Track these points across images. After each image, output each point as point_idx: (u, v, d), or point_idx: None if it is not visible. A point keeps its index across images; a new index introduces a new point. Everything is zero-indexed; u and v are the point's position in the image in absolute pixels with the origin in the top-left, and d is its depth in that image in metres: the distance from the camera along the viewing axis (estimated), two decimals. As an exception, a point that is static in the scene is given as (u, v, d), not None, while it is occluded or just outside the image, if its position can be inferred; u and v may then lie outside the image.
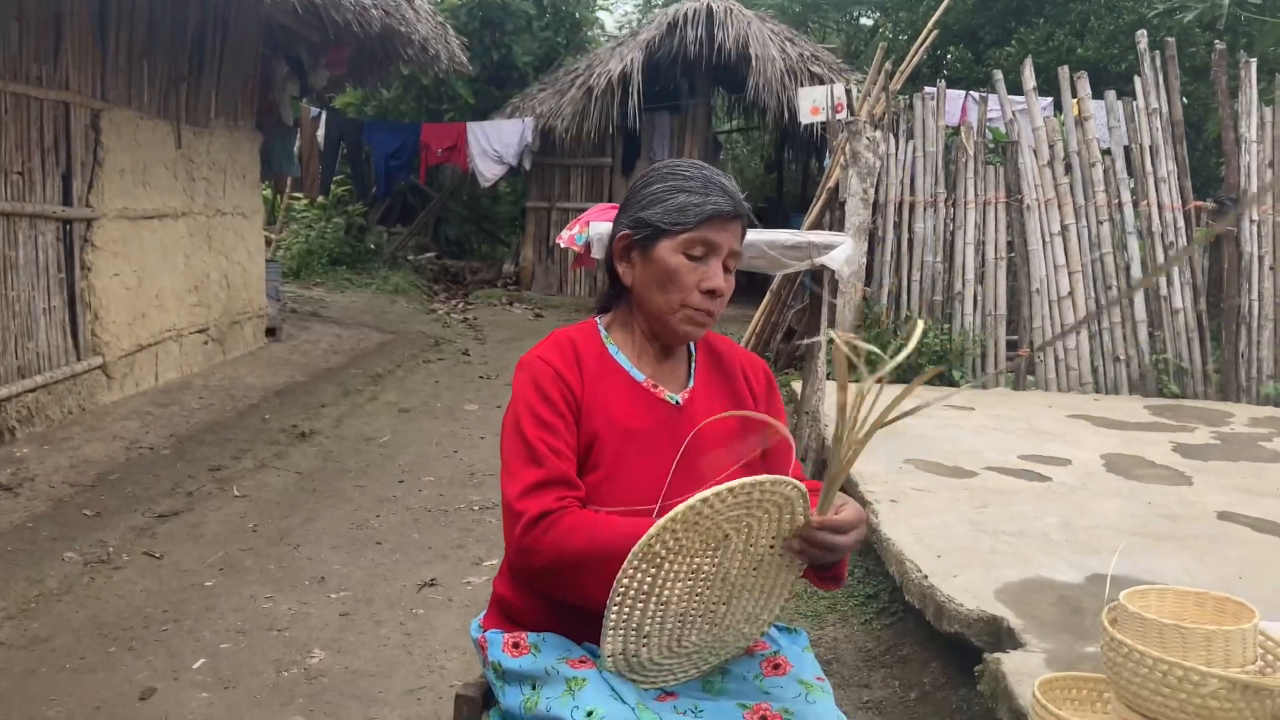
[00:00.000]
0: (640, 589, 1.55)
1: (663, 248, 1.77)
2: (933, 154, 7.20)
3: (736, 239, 1.80)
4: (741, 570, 1.60)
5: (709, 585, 1.60)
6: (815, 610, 3.81)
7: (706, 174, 1.79)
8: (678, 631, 1.64)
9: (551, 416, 1.73)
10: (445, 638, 3.49)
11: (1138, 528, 3.75)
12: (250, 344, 8.62)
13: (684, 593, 1.59)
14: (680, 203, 1.76)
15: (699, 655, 1.70)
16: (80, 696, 2.98)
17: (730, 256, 1.79)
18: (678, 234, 1.75)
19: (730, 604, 1.64)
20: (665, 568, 1.54)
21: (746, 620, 1.69)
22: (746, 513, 1.52)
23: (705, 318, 1.80)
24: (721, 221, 1.76)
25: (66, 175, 5.90)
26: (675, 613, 1.61)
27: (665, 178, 1.81)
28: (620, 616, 1.58)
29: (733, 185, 1.80)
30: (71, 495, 4.73)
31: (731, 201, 1.77)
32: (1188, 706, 1.91)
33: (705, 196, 1.75)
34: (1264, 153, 7.10)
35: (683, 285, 1.77)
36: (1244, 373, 7.01)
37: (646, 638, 1.62)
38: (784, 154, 17.22)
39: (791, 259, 4.52)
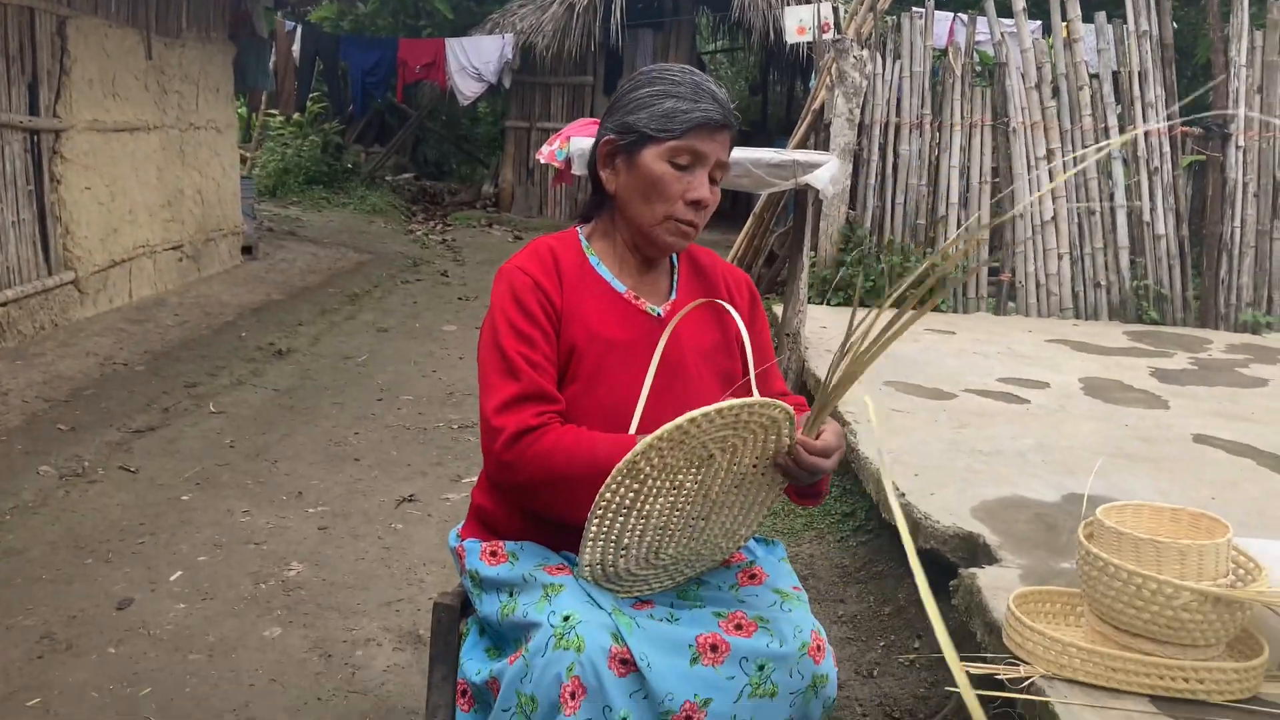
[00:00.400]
0: (622, 504, 1.54)
1: (648, 155, 1.71)
2: (920, 75, 7.09)
3: (724, 150, 1.74)
4: (723, 488, 1.59)
5: (690, 501, 1.59)
6: (792, 528, 3.84)
7: (697, 80, 1.73)
8: (656, 544, 1.63)
9: (529, 328, 1.70)
10: (424, 552, 3.50)
11: (1114, 449, 3.77)
12: (226, 262, 8.51)
13: (665, 508, 1.58)
14: (668, 109, 1.70)
15: (675, 568, 1.70)
16: (56, 606, 2.97)
17: (717, 168, 1.74)
18: (664, 141, 1.70)
19: (710, 519, 1.63)
20: (649, 484, 1.53)
21: (724, 535, 1.69)
22: (733, 433, 1.51)
23: (689, 229, 1.75)
24: (710, 130, 1.70)
25: (33, 85, 5.74)
26: (655, 526, 1.60)
27: (653, 82, 1.74)
28: (600, 529, 1.57)
29: (723, 93, 1.75)
30: (45, 410, 4.68)
31: (721, 110, 1.71)
32: (1159, 619, 1.92)
33: (694, 103, 1.69)
34: (1253, 78, 7.03)
35: (667, 195, 1.71)
36: (1223, 299, 7.03)
37: (625, 549, 1.61)
38: (769, 76, 16.98)
39: (776, 178, 4.46)
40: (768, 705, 1.61)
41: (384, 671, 2.75)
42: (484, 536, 1.82)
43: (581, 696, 1.50)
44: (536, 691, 1.53)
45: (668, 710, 1.53)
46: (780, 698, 1.62)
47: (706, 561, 1.74)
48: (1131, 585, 1.94)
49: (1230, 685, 1.94)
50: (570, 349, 1.73)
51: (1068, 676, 1.99)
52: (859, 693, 2.74)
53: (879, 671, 2.85)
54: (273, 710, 2.55)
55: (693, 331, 1.82)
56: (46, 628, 2.85)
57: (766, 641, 1.61)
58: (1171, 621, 1.92)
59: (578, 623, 1.55)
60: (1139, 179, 7.01)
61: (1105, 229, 7.01)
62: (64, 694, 2.55)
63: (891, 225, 7.06)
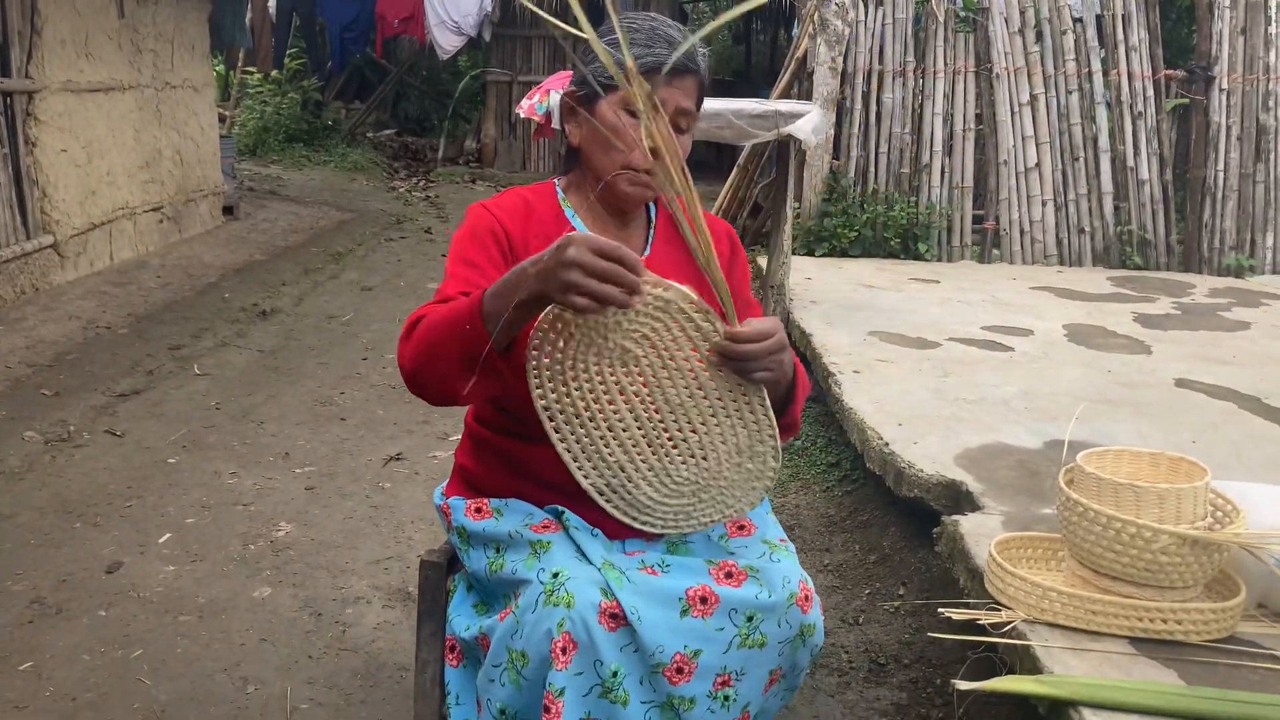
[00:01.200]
0: (564, 409, 1.55)
1: (604, 105, 1.68)
2: (902, 21, 7.03)
3: (685, 96, 1.69)
4: (684, 393, 1.55)
5: (653, 408, 1.56)
6: (778, 479, 3.86)
7: (654, 25, 1.68)
8: (656, 463, 1.60)
9: (477, 254, 1.68)
10: (412, 510, 3.51)
11: (1097, 395, 3.80)
12: (207, 222, 8.43)
13: (626, 415, 1.56)
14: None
15: (706, 494, 1.64)
16: (46, 570, 2.98)
17: (681, 115, 1.69)
18: (618, 90, 1.66)
19: (700, 433, 1.58)
20: (568, 378, 1.53)
21: (739, 454, 1.61)
22: (635, 322, 1.48)
23: (650, 179, 1.69)
24: (664, 77, 1.65)
25: (3, 45, 5.64)
26: (632, 439, 1.58)
27: (612, 31, 1.71)
28: (561, 443, 1.58)
29: (684, 38, 1.68)
30: (29, 375, 4.66)
31: (676, 55, 1.65)
32: (1139, 562, 1.95)
33: (647, 49, 1.65)
34: (1236, 19, 6.99)
35: (625, 144, 1.68)
36: (1206, 244, 7.05)
37: (623, 470, 1.60)
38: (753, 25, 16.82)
39: (758, 129, 4.44)
40: (757, 655, 1.63)
41: (374, 629, 2.77)
42: (468, 495, 1.83)
43: (573, 652, 1.51)
44: (527, 647, 1.54)
45: (659, 663, 1.55)
46: (769, 647, 1.63)
47: (742, 488, 1.64)
48: (1111, 529, 1.96)
49: (1208, 625, 1.97)
50: None
51: (1048, 620, 2.03)
52: (845, 640, 2.78)
53: (864, 619, 2.89)
54: (264, 669, 2.57)
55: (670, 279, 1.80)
56: (36, 592, 2.86)
57: (755, 592, 1.63)
58: (1150, 564, 1.95)
59: (567, 579, 1.56)
60: (1123, 124, 6.99)
61: (1089, 175, 7.00)
62: (55, 657, 2.56)
63: (875, 174, 7.04)
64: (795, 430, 1.78)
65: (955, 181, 7.02)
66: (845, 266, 6.37)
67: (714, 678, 1.59)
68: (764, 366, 1.50)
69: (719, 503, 1.66)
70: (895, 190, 6.99)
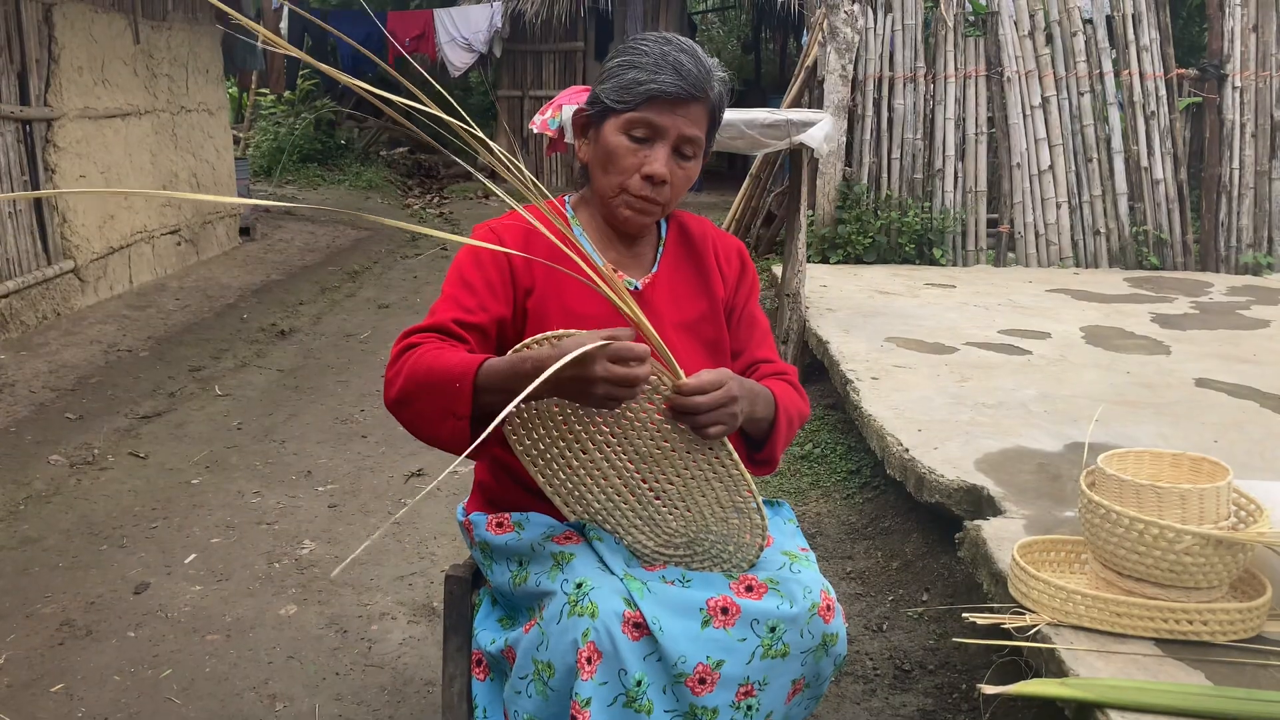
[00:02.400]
0: (543, 453, 1.61)
1: (608, 126, 1.68)
2: (912, 27, 7.04)
3: (691, 124, 1.67)
4: (650, 444, 1.57)
5: (625, 458, 1.59)
6: (799, 487, 3.86)
7: (665, 50, 1.65)
8: (643, 512, 1.64)
9: (475, 277, 1.69)
10: (434, 525, 3.53)
11: (1116, 396, 3.79)
12: (224, 244, 8.51)
13: (603, 464, 1.60)
14: (629, 79, 1.65)
15: (699, 548, 1.68)
16: (75, 592, 3.01)
17: (685, 143, 1.68)
18: (621, 113, 1.66)
19: (677, 484, 1.60)
20: (536, 426, 1.58)
21: (722, 507, 1.63)
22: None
23: (647, 205, 1.70)
24: (669, 104, 1.64)
25: (22, 74, 5.72)
26: (614, 487, 1.62)
27: (624, 52, 1.70)
28: (548, 487, 1.66)
29: (696, 65, 1.66)
30: (53, 399, 4.71)
31: (683, 83, 1.63)
32: (1163, 563, 1.95)
33: (653, 75, 1.63)
34: (1248, 16, 6.97)
35: (622, 167, 1.68)
36: (1223, 242, 7.02)
37: (612, 516, 1.65)
38: (761, 34, 16.86)
39: (770, 138, 4.45)
40: (779, 665, 1.63)
41: (399, 644, 2.79)
42: (489, 510, 1.84)
43: (597, 661, 1.52)
44: (553, 658, 1.56)
45: (681, 673, 1.55)
46: (792, 657, 1.64)
47: (735, 543, 1.68)
48: (1134, 531, 1.96)
49: (1233, 626, 1.97)
50: (541, 321, 1.71)
51: (1073, 623, 2.02)
52: (869, 647, 2.78)
53: (888, 625, 2.88)
54: (292, 686, 2.58)
55: (675, 304, 1.81)
56: (66, 614, 2.89)
57: (777, 603, 1.63)
58: (1174, 565, 1.94)
59: (591, 589, 1.57)
60: (1136, 124, 6.97)
61: (1103, 176, 6.98)
62: (86, 678, 2.59)
63: (888, 180, 7.04)
64: (771, 468, 1.77)
65: (969, 186, 7.02)
66: (860, 273, 6.37)
67: (736, 688, 1.59)
68: (714, 420, 1.49)
69: (717, 558, 1.69)
70: (909, 196, 6.99)
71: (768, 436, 1.71)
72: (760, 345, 1.87)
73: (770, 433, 1.70)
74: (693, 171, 1.74)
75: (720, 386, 1.49)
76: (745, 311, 1.88)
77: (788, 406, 1.72)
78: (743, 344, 1.86)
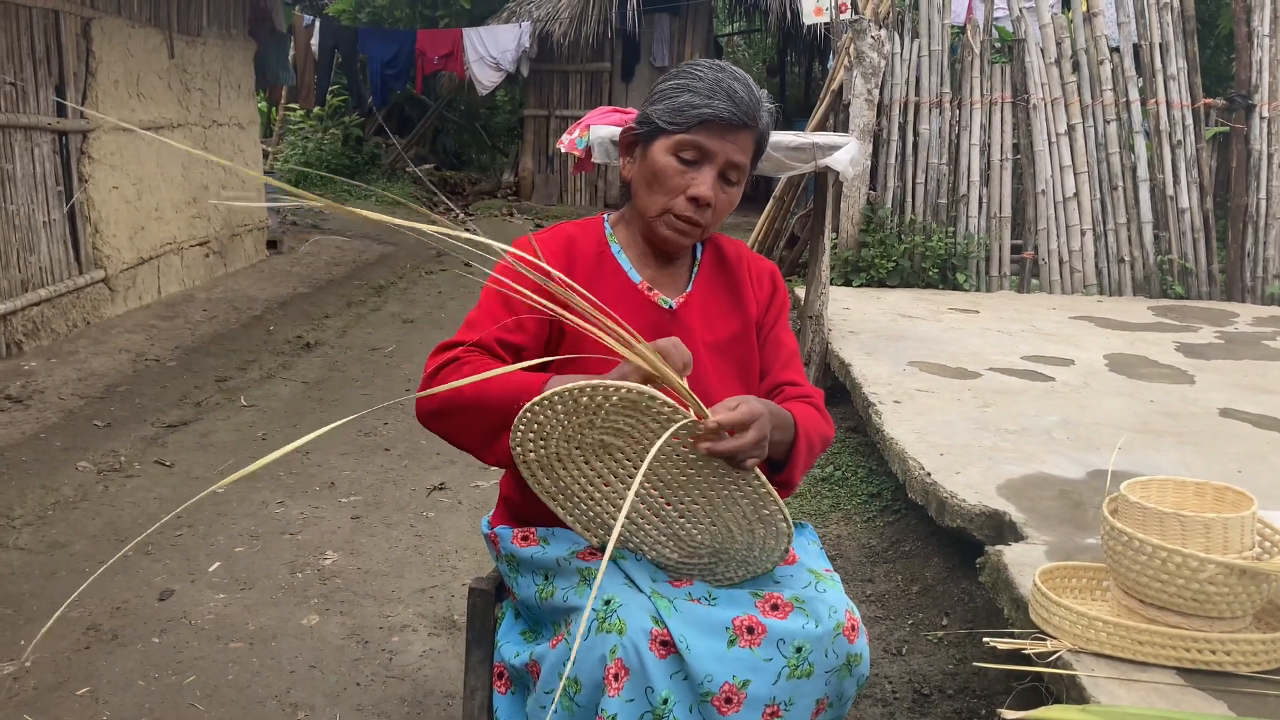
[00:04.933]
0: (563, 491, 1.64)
1: (657, 146, 1.72)
2: (938, 53, 7.07)
3: (739, 150, 1.71)
4: (675, 472, 1.59)
5: (650, 487, 1.61)
6: (819, 509, 3.87)
7: (719, 76, 1.70)
8: (667, 529, 1.66)
9: (514, 292, 1.72)
10: (456, 539, 3.55)
11: (1139, 424, 3.78)
12: (251, 256, 8.59)
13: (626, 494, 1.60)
14: (682, 102, 1.70)
15: (725, 555, 1.69)
16: (101, 598, 3.04)
17: (731, 168, 1.72)
18: (672, 134, 1.70)
19: (703, 503, 1.62)
20: (557, 468, 1.60)
21: (748, 519, 1.64)
22: (612, 419, 1.51)
23: (689, 227, 1.74)
24: (720, 128, 1.68)
25: (60, 86, 5.82)
26: (638, 513, 1.64)
27: (678, 75, 1.75)
28: (569, 517, 1.68)
29: (749, 93, 1.70)
30: (81, 407, 4.77)
31: (735, 110, 1.68)
32: (1185, 592, 1.94)
33: (707, 100, 1.68)
34: (1276, 48, 6.96)
35: (668, 187, 1.71)
36: (1249, 272, 6.98)
37: (635, 537, 1.68)
38: (787, 57, 16.90)
39: (795, 161, 4.47)
40: (804, 685, 1.63)
41: (420, 656, 2.81)
42: (514, 524, 1.86)
43: (624, 678, 1.53)
44: (580, 674, 1.57)
45: (707, 692, 1.56)
46: (816, 677, 1.64)
47: (760, 548, 1.69)
48: (1156, 559, 1.96)
49: (1257, 656, 1.96)
50: (572, 334, 1.71)
51: (1094, 650, 2.02)
52: (889, 670, 2.77)
53: (908, 649, 2.88)
54: (313, 695, 2.61)
55: (707, 324, 1.84)
56: (92, 619, 2.93)
57: (802, 623, 1.63)
58: (1197, 594, 1.94)
59: (619, 606, 1.58)
60: (1162, 153, 6.96)
61: (1128, 204, 6.97)
62: (112, 683, 2.62)
63: (913, 205, 7.05)
64: (789, 490, 1.77)
65: (993, 211, 7.01)
66: (883, 297, 6.38)
67: (763, 708, 1.59)
68: (748, 455, 1.51)
69: (743, 562, 1.70)
70: (933, 220, 6.99)
71: (787, 459, 1.72)
72: (786, 367, 1.88)
73: (789, 456, 1.71)
74: (735, 197, 1.77)
75: (752, 423, 1.50)
76: (773, 333, 1.90)
77: (809, 430, 1.73)
78: (769, 365, 1.88)
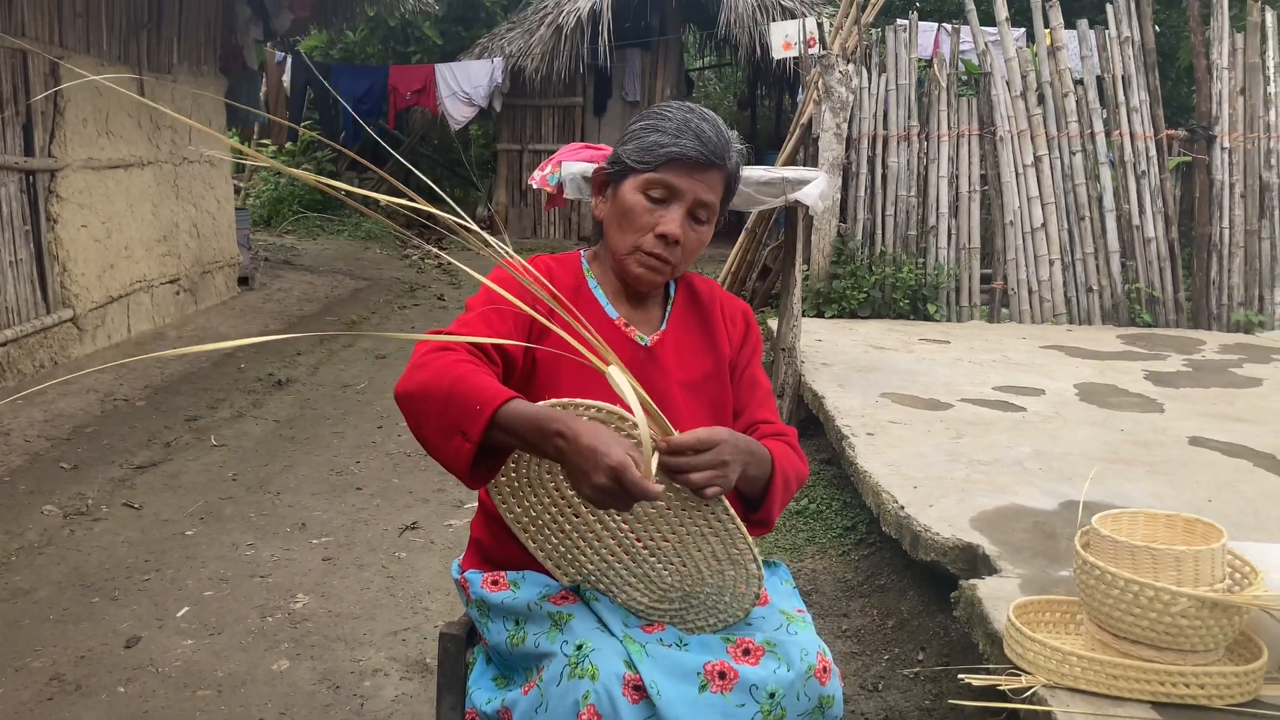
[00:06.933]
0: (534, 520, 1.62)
1: (627, 185, 1.74)
2: (905, 87, 7.16)
3: (707, 189, 1.72)
4: (644, 503, 1.55)
5: (619, 518, 1.59)
6: (794, 543, 3.86)
7: (688, 117, 1.72)
8: (637, 569, 1.64)
9: (495, 314, 1.71)
10: (428, 580, 3.52)
11: (1110, 454, 3.80)
12: (223, 293, 8.54)
13: (595, 526, 1.60)
14: (651, 141, 1.71)
15: (695, 600, 1.68)
16: (65, 646, 2.99)
17: (700, 207, 1.73)
18: (641, 173, 1.72)
19: (673, 540, 1.60)
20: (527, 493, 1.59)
21: (718, 560, 1.62)
22: None
23: (659, 264, 1.74)
24: (687, 167, 1.70)
25: (27, 125, 5.78)
26: (607, 548, 1.63)
27: (648, 115, 1.77)
28: (540, 551, 1.67)
29: (717, 134, 1.72)
30: (48, 449, 4.70)
31: (702, 149, 1.69)
32: (1158, 625, 1.95)
33: (675, 139, 1.69)
34: (1235, 80, 7.09)
35: (637, 225, 1.73)
36: (1215, 300, 7.08)
37: (605, 576, 1.66)
38: (757, 91, 17.06)
39: (766, 195, 4.50)
40: (776, 728, 1.62)
41: (392, 701, 2.76)
42: (484, 568, 1.84)
43: (597, 724, 1.51)
44: (553, 720, 1.55)
45: (679, 738, 1.54)
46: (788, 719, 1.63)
47: (731, 593, 1.67)
48: (1129, 593, 1.96)
49: (1231, 689, 1.97)
50: (554, 367, 1.72)
51: (1069, 685, 2.02)
52: (865, 707, 2.76)
53: (884, 685, 2.87)
54: (283, 743, 2.56)
55: (681, 363, 1.84)
56: (56, 668, 2.87)
57: (774, 667, 1.62)
58: (1170, 628, 1.94)
59: (591, 650, 1.56)
60: (1127, 183, 7.06)
61: (1095, 233, 7.06)
62: (75, 734, 2.57)
63: (883, 236, 7.11)
64: (767, 528, 1.75)
65: (962, 242, 7.08)
66: (855, 328, 6.41)
67: (735, 754, 1.58)
68: (709, 480, 1.47)
69: (712, 609, 1.69)
70: (903, 252, 7.05)
71: (764, 496, 1.71)
72: (760, 406, 1.88)
73: (766, 492, 1.71)
74: (705, 236, 1.77)
75: (713, 445, 1.49)
76: (748, 372, 1.90)
77: (785, 468, 1.73)
78: (744, 404, 1.88)
